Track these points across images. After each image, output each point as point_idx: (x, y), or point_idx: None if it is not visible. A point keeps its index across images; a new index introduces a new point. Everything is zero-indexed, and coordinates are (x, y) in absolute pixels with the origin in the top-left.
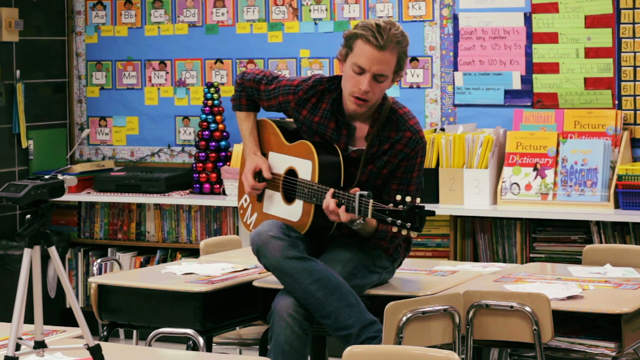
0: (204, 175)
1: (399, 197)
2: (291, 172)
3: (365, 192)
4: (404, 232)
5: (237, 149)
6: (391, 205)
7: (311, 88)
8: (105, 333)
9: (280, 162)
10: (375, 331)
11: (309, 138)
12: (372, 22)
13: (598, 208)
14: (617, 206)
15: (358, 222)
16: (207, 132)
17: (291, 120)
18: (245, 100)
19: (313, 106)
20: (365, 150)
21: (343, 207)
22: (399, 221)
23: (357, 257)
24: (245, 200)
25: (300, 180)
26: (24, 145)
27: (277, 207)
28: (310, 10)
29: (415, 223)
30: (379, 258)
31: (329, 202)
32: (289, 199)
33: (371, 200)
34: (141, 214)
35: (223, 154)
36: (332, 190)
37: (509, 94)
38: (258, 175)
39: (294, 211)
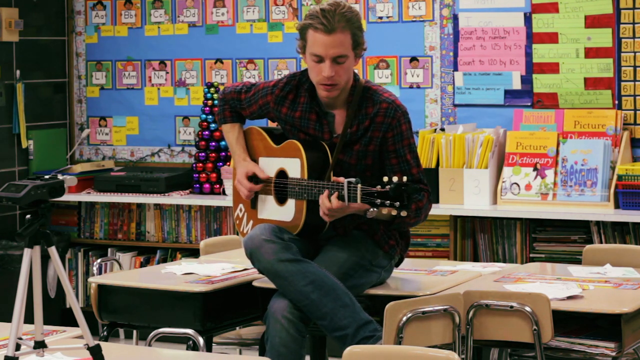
0: (204, 175)
1: (385, 178)
2: (282, 174)
3: (353, 179)
4: (393, 212)
5: None
6: (379, 187)
7: (286, 85)
8: (105, 333)
9: (270, 166)
10: (371, 330)
11: (294, 137)
12: (317, 9)
13: (598, 208)
14: (617, 206)
15: (372, 210)
16: (207, 132)
17: (275, 124)
18: (229, 112)
19: (291, 102)
20: (342, 132)
21: (335, 194)
22: (388, 202)
23: (353, 256)
24: (241, 210)
25: (291, 180)
26: (24, 145)
27: (271, 210)
28: None
29: (403, 201)
30: (376, 257)
31: (320, 197)
32: (281, 200)
33: (359, 185)
34: (141, 214)
35: (223, 154)
36: (322, 183)
37: (509, 94)
38: (252, 179)
39: (287, 211)
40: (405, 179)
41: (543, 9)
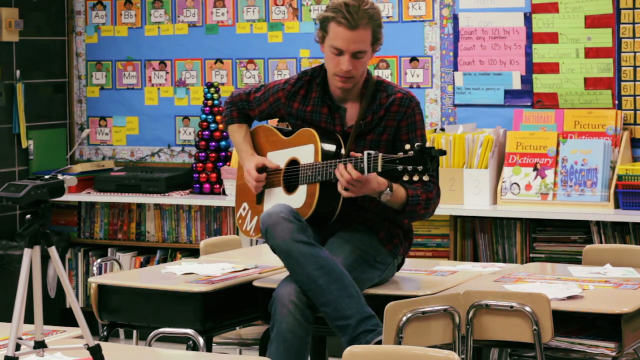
0: (204, 175)
1: (407, 146)
2: (292, 163)
3: (372, 151)
4: (415, 178)
5: None
6: (400, 154)
7: (298, 80)
8: (105, 333)
9: (279, 159)
10: (372, 325)
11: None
12: (341, 2)
13: (598, 208)
14: (617, 206)
15: (387, 192)
16: (207, 132)
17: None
18: (236, 113)
19: (303, 97)
20: (355, 123)
21: (350, 164)
22: (410, 167)
23: (357, 250)
24: (244, 209)
25: (303, 165)
26: (24, 145)
27: (279, 200)
28: (310, 10)
29: (426, 164)
30: (380, 253)
31: (339, 167)
32: (290, 189)
33: (380, 154)
34: (141, 214)
35: (223, 154)
36: (340, 160)
37: (509, 94)
38: (261, 171)
39: (297, 198)
40: (429, 144)
41: (543, 9)
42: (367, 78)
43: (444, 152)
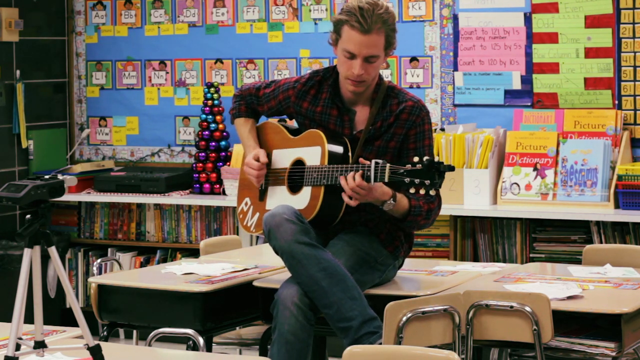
0: (204, 175)
1: (416, 158)
2: (298, 163)
3: (380, 160)
4: (422, 192)
5: (237, 149)
6: (408, 166)
7: (309, 80)
8: (105, 333)
9: (285, 157)
10: (375, 327)
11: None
12: (355, 6)
13: (598, 208)
14: (617, 206)
15: (389, 202)
16: (207, 132)
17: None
18: (244, 107)
19: (313, 97)
20: (365, 128)
21: (359, 172)
22: (417, 180)
23: (359, 252)
24: (246, 204)
25: (309, 167)
26: (24, 145)
27: (282, 199)
28: (310, 10)
29: (434, 179)
30: (381, 255)
31: (347, 176)
32: (294, 189)
33: (388, 165)
34: (141, 214)
35: (223, 154)
36: (347, 165)
37: (509, 94)
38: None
39: (301, 199)
40: (437, 158)
41: (543, 9)
42: (378, 83)
43: (452, 168)
